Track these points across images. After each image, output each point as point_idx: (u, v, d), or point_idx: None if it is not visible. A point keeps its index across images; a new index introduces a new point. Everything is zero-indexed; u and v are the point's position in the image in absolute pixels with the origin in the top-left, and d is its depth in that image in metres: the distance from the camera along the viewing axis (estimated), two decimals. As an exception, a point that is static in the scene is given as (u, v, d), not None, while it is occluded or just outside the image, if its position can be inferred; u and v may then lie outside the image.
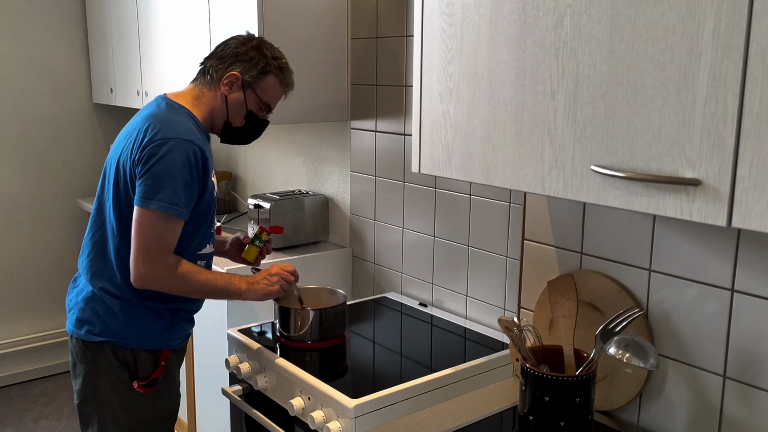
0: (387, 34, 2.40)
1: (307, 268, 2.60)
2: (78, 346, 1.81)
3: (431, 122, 1.49)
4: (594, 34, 1.15)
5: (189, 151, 1.67)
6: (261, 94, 1.84)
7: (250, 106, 1.85)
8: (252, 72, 1.81)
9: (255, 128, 1.91)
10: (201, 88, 1.84)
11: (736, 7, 0.96)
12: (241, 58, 1.81)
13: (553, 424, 1.40)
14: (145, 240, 1.65)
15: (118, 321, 1.77)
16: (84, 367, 1.80)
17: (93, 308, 1.78)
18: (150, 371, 1.80)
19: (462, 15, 1.38)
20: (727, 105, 0.99)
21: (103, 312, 1.77)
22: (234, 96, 1.82)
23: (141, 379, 1.79)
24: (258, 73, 1.82)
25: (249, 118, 1.86)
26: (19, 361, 3.81)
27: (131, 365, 1.79)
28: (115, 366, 1.78)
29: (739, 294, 1.38)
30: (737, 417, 1.40)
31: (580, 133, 1.18)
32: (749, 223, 0.98)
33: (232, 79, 1.80)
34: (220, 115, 1.85)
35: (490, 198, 2.08)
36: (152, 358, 1.81)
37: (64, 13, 3.75)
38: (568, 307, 1.57)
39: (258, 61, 1.81)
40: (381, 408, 1.64)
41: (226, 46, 1.84)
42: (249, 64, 1.81)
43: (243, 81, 1.81)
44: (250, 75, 1.81)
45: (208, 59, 1.85)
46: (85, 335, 1.78)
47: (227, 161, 3.51)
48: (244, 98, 1.83)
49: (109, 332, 1.77)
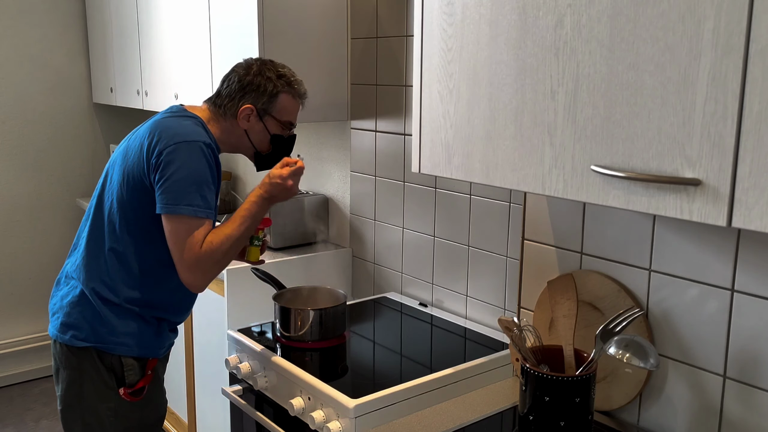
0: (387, 34, 2.40)
1: (307, 268, 2.60)
2: (62, 352, 1.78)
3: (431, 122, 1.48)
4: (594, 33, 1.15)
5: (204, 150, 1.67)
6: (278, 116, 1.84)
7: (273, 131, 1.85)
8: (263, 99, 1.81)
9: (284, 147, 1.90)
10: (216, 114, 1.83)
11: (736, 7, 0.96)
12: (248, 89, 1.80)
13: (553, 424, 1.40)
14: (184, 248, 1.64)
15: (106, 326, 1.74)
16: (68, 373, 1.77)
17: (80, 312, 1.75)
18: (137, 379, 1.78)
19: (462, 15, 1.38)
20: (727, 105, 0.99)
21: (91, 317, 1.74)
22: (255, 128, 1.83)
23: (128, 387, 1.77)
24: (269, 98, 1.81)
25: (275, 141, 1.86)
26: (19, 361, 3.81)
27: (118, 372, 1.76)
28: (101, 371, 1.75)
29: (739, 294, 1.38)
30: (737, 417, 1.40)
31: (580, 133, 1.18)
32: (749, 223, 0.98)
33: (248, 112, 1.80)
34: (246, 149, 1.87)
35: (490, 198, 2.08)
36: (139, 366, 1.79)
37: (64, 13, 3.75)
38: (568, 307, 1.57)
39: (266, 87, 1.80)
40: (381, 408, 1.64)
41: (230, 81, 1.83)
42: (257, 92, 1.80)
43: (258, 110, 1.81)
44: (262, 103, 1.81)
45: (216, 98, 1.84)
46: (70, 340, 1.75)
47: (227, 161, 3.51)
48: (264, 126, 1.83)
49: (96, 337, 1.74)
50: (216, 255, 1.66)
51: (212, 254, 1.65)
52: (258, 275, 2.14)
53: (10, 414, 3.46)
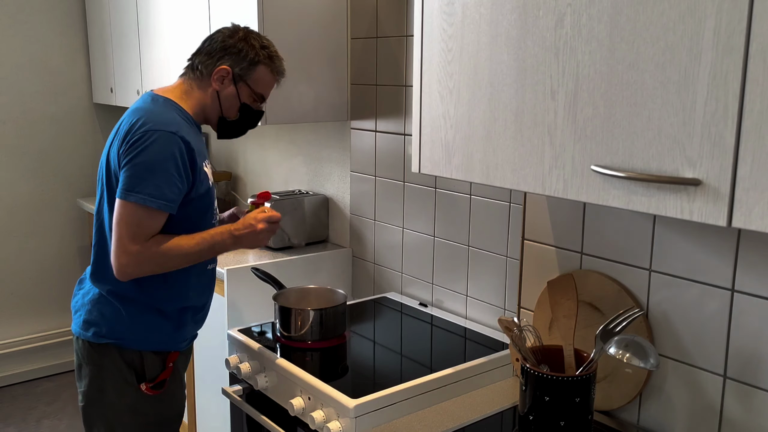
0: (387, 34, 2.40)
1: (307, 268, 2.60)
2: (84, 348, 1.79)
3: (431, 122, 1.48)
4: (594, 33, 1.14)
5: (172, 143, 1.64)
6: (253, 85, 1.82)
7: (243, 98, 1.83)
8: (242, 64, 1.79)
9: (250, 119, 1.88)
10: (190, 83, 1.82)
11: (736, 7, 0.96)
12: (229, 51, 1.79)
13: (553, 424, 1.40)
14: (124, 231, 1.62)
15: (125, 323, 1.75)
16: (90, 368, 1.78)
17: (100, 310, 1.76)
18: (157, 373, 1.80)
19: (462, 15, 1.38)
20: (727, 105, 0.99)
21: (110, 314, 1.75)
22: (226, 90, 1.80)
23: (148, 381, 1.78)
24: (248, 65, 1.80)
25: (243, 110, 1.85)
26: (21, 360, 3.81)
27: (138, 367, 1.78)
28: (122, 368, 1.76)
29: (739, 294, 1.37)
30: (737, 417, 1.40)
31: (580, 133, 1.18)
32: (749, 223, 0.98)
33: (223, 73, 1.78)
34: (213, 111, 1.83)
35: (490, 198, 2.08)
36: (160, 360, 1.80)
37: (64, 13, 3.75)
38: (568, 307, 1.57)
39: (247, 53, 1.79)
40: (381, 408, 1.64)
41: (213, 41, 1.81)
42: (238, 56, 1.79)
43: (234, 74, 1.79)
44: (240, 67, 1.79)
45: (195, 55, 1.83)
46: (93, 337, 1.76)
47: (227, 161, 3.51)
48: (237, 92, 1.81)
49: (116, 334, 1.75)
50: (158, 258, 1.65)
51: (155, 254, 1.65)
52: (258, 275, 2.14)
53: (13, 413, 3.46)
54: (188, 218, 1.72)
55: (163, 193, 1.63)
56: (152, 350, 1.78)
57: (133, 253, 1.63)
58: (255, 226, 1.77)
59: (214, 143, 3.61)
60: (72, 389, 3.69)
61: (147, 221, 1.63)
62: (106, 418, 1.79)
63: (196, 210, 1.74)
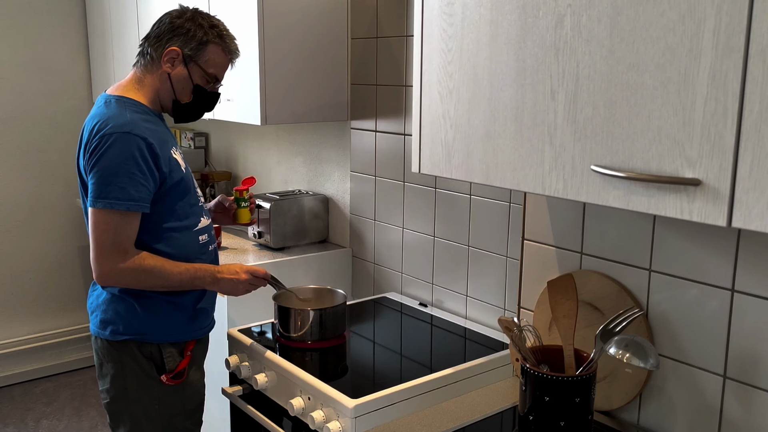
0: (387, 34, 2.40)
1: (307, 268, 2.60)
2: (103, 347, 1.81)
3: (431, 122, 1.48)
4: (594, 34, 1.15)
5: (130, 142, 1.64)
6: (205, 65, 1.80)
7: (195, 80, 1.81)
8: (191, 44, 1.77)
9: (205, 102, 1.86)
10: (142, 71, 1.80)
11: (736, 7, 0.96)
12: (177, 32, 1.77)
13: (553, 424, 1.40)
14: (99, 238, 1.66)
15: (140, 318, 1.77)
16: (111, 366, 1.80)
17: (114, 309, 1.78)
18: (176, 363, 1.82)
19: (462, 15, 1.38)
20: (727, 105, 0.99)
21: (125, 311, 1.77)
22: (177, 72, 1.78)
23: (168, 372, 1.81)
24: (198, 45, 1.77)
25: (197, 92, 1.82)
26: (19, 360, 3.81)
27: (157, 360, 1.80)
28: (142, 362, 1.79)
29: (739, 294, 1.38)
30: (737, 417, 1.40)
31: (580, 133, 1.18)
32: (749, 223, 0.98)
33: (172, 54, 1.77)
34: (166, 95, 1.81)
35: (490, 198, 2.08)
36: (178, 351, 1.83)
37: (64, 13, 3.75)
38: (568, 307, 1.57)
39: (195, 32, 1.77)
40: (381, 408, 1.64)
41: (161, 23, 1.80)
42: (186, 36, 1.77)
43: (184, 55, 1.77)
44: (189, 48, 1.77)
45: (145, 40, 1.81)
46: (110, 335, 1.78)
47: (227, 161, 3.51)
48: (188, 73, 1.79)
49: (133, 329, 1.77)
50: (141, 274, 1.69)
51: (138, 270, 1.68)
52: (258, 275, 2.14)
53: (11, 414, 3.46)
54: (170, 209, 1.74)
55: (129, 194, 1.64)
56: (170, 342, 1.81)
57: (117, 262, 1.66)
58: (239, 274, 1.82)
59: (214, 143, 3.61)
60: (71, 390, 3.69)
61: (121, 225, 1.65)
62: (132, 413, 1.81)
63: (176, 198, 1.75)
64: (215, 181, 3.38)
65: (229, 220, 2.08)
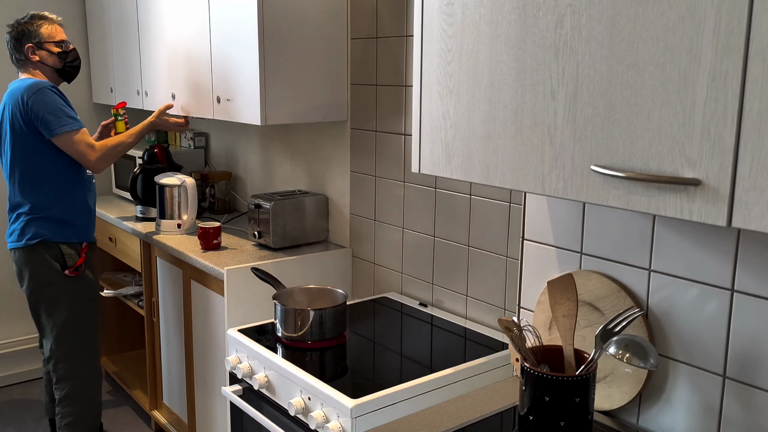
0: (387, 34, 2.40)
1: (307, 268, 2.60)
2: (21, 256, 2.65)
3: (431, 122, 1.48)
4: (594, 33, 1.15)
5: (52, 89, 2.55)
6: (50, 39, 2.65)
7: (54, 50, 2.66)
8: (32, 36, 2.62)
9: (72, 58, 2.71)
10: (25, 69, 2.65)
11: (736, 7, 0.96)
12: (18, 37, 2.62)
13: (553, 424, 1.40)
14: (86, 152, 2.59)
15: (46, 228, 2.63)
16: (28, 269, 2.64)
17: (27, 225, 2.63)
18: (74, 261, 2.66)
19: (462, 15, 1.38)
20: (727, 105, 0.99)
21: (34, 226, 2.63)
22: (42, 56, 2.65)
23: (69, 267, 2.65)
24: (35, 34, 2.62)
25: (61, 56, 2.68)
26: (19, 360, 3.81)
27: (60, 260, 2.64)
28: (50, 262, 2.63)
29: (739, 294, 1.38)
30: (737, 417, 1.40)
31: (580, 133, 1.18)
32: (749, 223, 0.98)
33: (30, 50, 2.62)
34: (51, 72, 2.67)
35: (490, 198, 2.08)
36: (76, 252, 2.67)
37: (64, 13, 3.74)
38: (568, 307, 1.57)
39: (28, 28, 2.62)
40: (381, 408, 1.64)
41: (7, 42, 2.65)
42: (26, 34, 2.61)
43: (34, 45, 2.62)
44: (33, 38, 2.62)
45: (12, 57, 2.66)
46: (25, 243, 2.62)
47: (227, 161, 3.51)
48: (47, 51, 2.65)
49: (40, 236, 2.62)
50: (113, 148, 2.66)
51: (111, 148, 2.66)
52: (258, 275, 2.14)
53: (11, 414, 3.46)
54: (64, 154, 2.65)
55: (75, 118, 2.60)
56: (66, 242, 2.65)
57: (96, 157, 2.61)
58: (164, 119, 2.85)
59: (214, 143, 3.61)
60: (72, 389, 3.69)
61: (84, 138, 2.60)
62: (48, 299, 2.65)
63: None
64: (215, 181, 3.38)
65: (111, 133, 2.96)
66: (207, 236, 2.70)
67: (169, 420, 3.10)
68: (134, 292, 3.45)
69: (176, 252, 2.74)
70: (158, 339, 3.10)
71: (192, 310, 2.75)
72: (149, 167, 3.23)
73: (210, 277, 2.55)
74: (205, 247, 2.70)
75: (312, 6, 2.44)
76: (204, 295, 2.63)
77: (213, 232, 2.70)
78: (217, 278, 2.48)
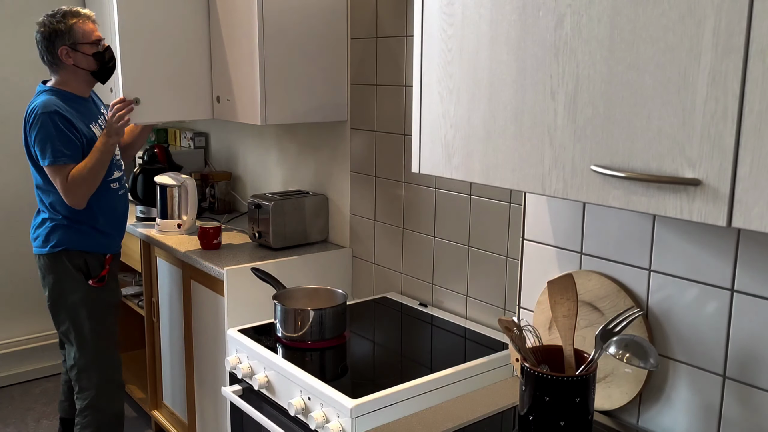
0: (387, 34, 2.40)
1: (307, 268, 2.60)
2: (45, 262, 2.57)
3: (431, 122, 1.48)
4: (594, 34, 1.15)
5: (48, 116, 2.41)
6: (84, 40, 2.48)
7: (89, 52, 2.50)
8: (66, 36, 2.45)
9: (107, 58, 2.55)
10: (55, 72, 2.52)
11: (736, 7, 0.96)
12: (51, 38, 2.45)
13: (553, 424, 1.40)
14: (60, 184, 2.44)
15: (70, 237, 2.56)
16: (51, 276, 2.57)
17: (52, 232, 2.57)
18: (98, 272, 2.60)
19: (462, 15, 1.38)
20: (727, 105, 0.99)
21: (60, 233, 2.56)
22: (77, 59, 2.49)
23: (93, 278, 2.58)
24: (69, 34, 2.45)
25: (97, 56, 2.52)
26: (19, 360, 3.81)
27: (84, 269, 2.57)
28: (73, 271, 2.56)
29: (739, 294, 1.38)
30: (737, 417, 1.40)
31: (580, 133, 1.18)
32: (749, 223, 0.98)
33: (64, 52, 2.46)
34: (84, 75, 2.53)
35: (490, 198, 2.08)
36: (99, 263, 2.60)
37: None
38: (568, 307, 1.57)
39: (60, 28, 2.44)
40: (381, 408, 1.64)
41: (38, 43, 2.49)
42: (59, 35, 2.44)
43: (69, 46, 2.46)
44: (67, 39, 2.45)
45: (42, 59, 2.50)
46: (49, 249, 2.55)
47: (227, 161, 3.51)
48: (82, 53, 2.49)
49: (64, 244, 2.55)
50: (78, 179, 2.43)
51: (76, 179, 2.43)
52: (258, 275, 2.14)
53: (11, 414, 3.46)
54: None
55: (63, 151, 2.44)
56: (90, 251, 2.57)
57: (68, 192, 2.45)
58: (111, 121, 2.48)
59: (214, 144, 3.61)
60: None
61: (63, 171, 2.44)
62: (68, 308, 2.58)
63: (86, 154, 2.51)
64: (215, 181, 3.38)
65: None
66: (207, 236, 2.70)
67: (169, 420, 3.10)
68: (134, 292, 3.45)
69: (176, 252, 2.74)
70: (158, 339, 3.10)
71: (192, 310, 2.75)
72: (149, 167, 3.23)
73: (210, 277, 2.55)
74: (205, 247, 2.70)
75: (312, 6, 2.44)
76: (204, 295, 2.63)
77: (213, 232, 2.70)
78: (217, 278, 2.48)
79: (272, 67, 2.39)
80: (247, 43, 2.40)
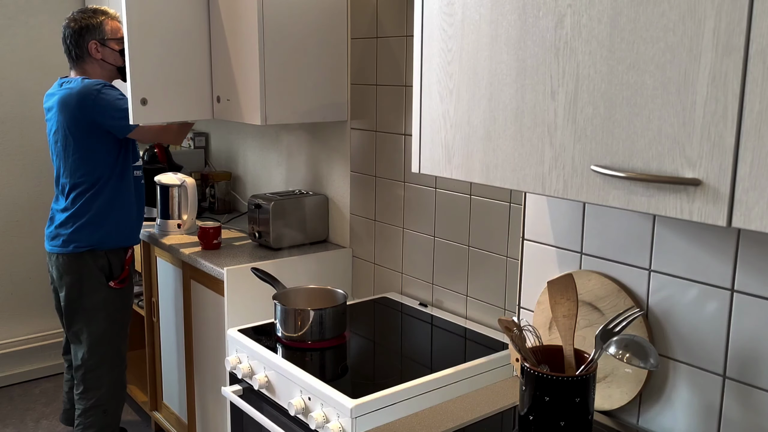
0: (387, 34, 2.40)
1: (307, 268, 2.60)
2: (65, 262, 2.58)
3: (431, 122, 1.48)
4: (594, 34, 1.15)
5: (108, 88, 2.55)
6: (113, 35, 2.60)
7: (118, 48, 2.60)
8: (96, 31, 2.56)
9: None
10: (80, 66, 2.60)
11: (736, 7, 0.96)
12: (82, 32, 2.55)
13: (553, 424, 1.40)
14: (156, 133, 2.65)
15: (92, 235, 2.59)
16: (70, 277, 2.58)
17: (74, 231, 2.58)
18: (119, 273, 2.64)
19: (462, 15, 1.38)
20: (727, 105, 0.99)
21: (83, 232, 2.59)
22: (105, 53, 2.60)
23: (115, 279, 2.62)
24: (99, 29, 2.56)
25: (122, 54, 2.54)
26: (19, 361, 3.81)
27: (106, 270, 2.61)
28: (96, 272, 2.59)
29: (739, 294, 1.38)
30: (737, 417, 1.40)
31: (580, 133, 1.18)
32: (749, 223, 0.98)
33: (94, 46, 2.57)
34: (111, 70, 2.63)
35: (490, 198, 2.08)
36: (119, 264, 2.64)
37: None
38: (568, 307, 1.57)
39: (92, 23, 2.56)
40: (381, 408, 1.64)
41: (66, 37, 2.58)
42: (89, 30, 2.55)
43: (98, 41, 2.57)
44: (97, 34, 2.57)
45: (68, 54, 2.59)
46: (73, 249, 2.57)
47: (227, 161, 3.51)
48: (110, 48, 2.59)
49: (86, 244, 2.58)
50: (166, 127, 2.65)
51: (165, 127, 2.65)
52: (258, 275, 2.14)
53: (11, 414, 3.46)
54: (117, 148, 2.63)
55: None
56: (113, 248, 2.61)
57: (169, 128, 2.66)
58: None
59: (214, 144, 3.61)
60: (72, 389, 3.69)
61: None
62: (86, 310, 2.61)
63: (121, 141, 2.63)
64: (215, 181, 3.38)
65: None
66: (207, 236, 2.70)
67: (169, 420, 3.10)
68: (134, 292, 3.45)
69: (176, 252, 2.74)
70: (158, 339, 3.10)
71: (192, 310, 2.75)
72: (149, 167, 3.23)
73: (210, 277, 2.55)
74: (205, 247, 2.71)
75: (312, 6, 2.44)
76: (204, 295, 2.63)
77: (213, 232, 2.70)
78: (217, 278, 2.48)
79: (272, 67, 2.39)
80: (248, 43, 2.40)
